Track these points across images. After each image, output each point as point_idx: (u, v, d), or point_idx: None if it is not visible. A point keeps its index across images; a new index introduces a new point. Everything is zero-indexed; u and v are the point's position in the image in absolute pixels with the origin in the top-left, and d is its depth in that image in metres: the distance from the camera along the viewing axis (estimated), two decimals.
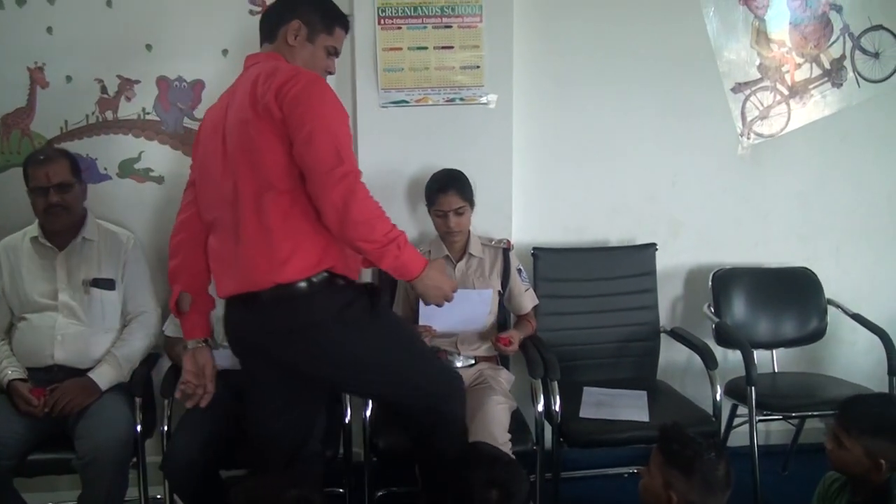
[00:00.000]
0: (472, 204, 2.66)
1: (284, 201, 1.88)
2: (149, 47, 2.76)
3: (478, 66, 2.81)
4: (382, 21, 2.77)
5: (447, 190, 2.61)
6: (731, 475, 1.85)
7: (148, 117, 2.80)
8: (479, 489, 1.80)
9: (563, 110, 2.98)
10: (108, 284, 2.56)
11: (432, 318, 2.52)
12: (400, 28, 2.78)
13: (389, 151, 2.85)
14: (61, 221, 2.51)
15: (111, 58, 2.75)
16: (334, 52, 2.12)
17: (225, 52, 2.79)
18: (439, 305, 2.03)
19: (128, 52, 2.75)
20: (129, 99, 2.79)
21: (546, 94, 2.96)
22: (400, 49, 2.79)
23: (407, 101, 2.82)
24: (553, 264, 2.94)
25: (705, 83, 3.02)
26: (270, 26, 2.07)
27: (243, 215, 1.90)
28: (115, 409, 2.43)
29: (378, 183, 2.81)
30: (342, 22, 2.11)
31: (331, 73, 2.13)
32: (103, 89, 2.77)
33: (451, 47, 2.80)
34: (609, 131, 3.00)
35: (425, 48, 2.79)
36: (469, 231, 2.71)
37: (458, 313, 2.48)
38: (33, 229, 2.57)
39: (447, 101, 2.84)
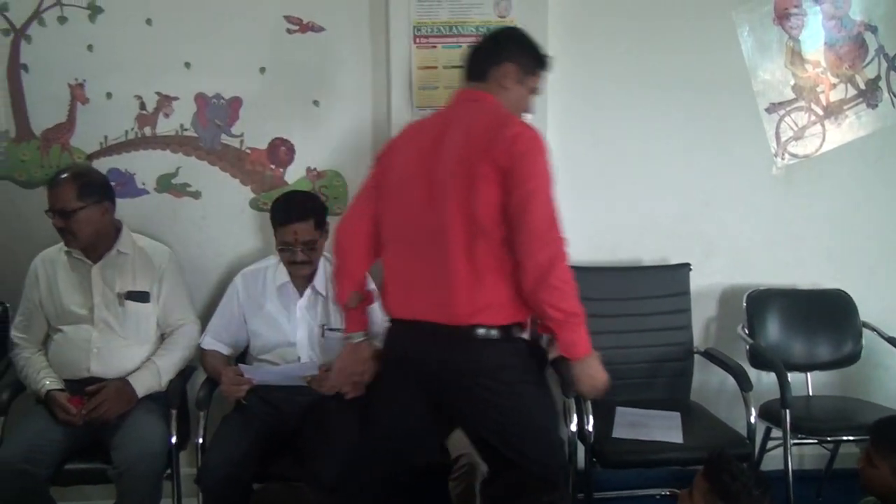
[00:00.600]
0: None
1: (496, 249, 1.96)
2: (187, 65, 2.82)
3: None
4: (418, 39, 2.81)
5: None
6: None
7: (185, 133, 2.86)
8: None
9: (596, 130, 3.00)
10: (142, 297, 2.60)
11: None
12: (435, 47, 2.82)
13: None
14: (71, 244, 2.53)
15: (150, 74, 2.81)
16: (537, 93, 2.20)
17: (263, 69, 2.84)
18: (587, 397, 2.10)
19: (166, 69, 2.81)
20: (167, 115, 2.84)
21: (579, 114, 2.97)
22: (435, 68, 2.83)
23: None
24: (586, 283, 2.88)
25: (740, 103, 3.03)
26: (481, 66, 2.14)
27: (452, 252, 1.96)
28: (151, 420, 2.46)
29: None
30: (546, 63, 2.20)
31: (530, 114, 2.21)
32: (142, 105, 2.83)
33: None
34: (642, 151, 3.01)
35: (460, 67, 2.81)
36: None
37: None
38: None
39: None
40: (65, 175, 2.49)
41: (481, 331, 1.98)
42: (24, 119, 2.81)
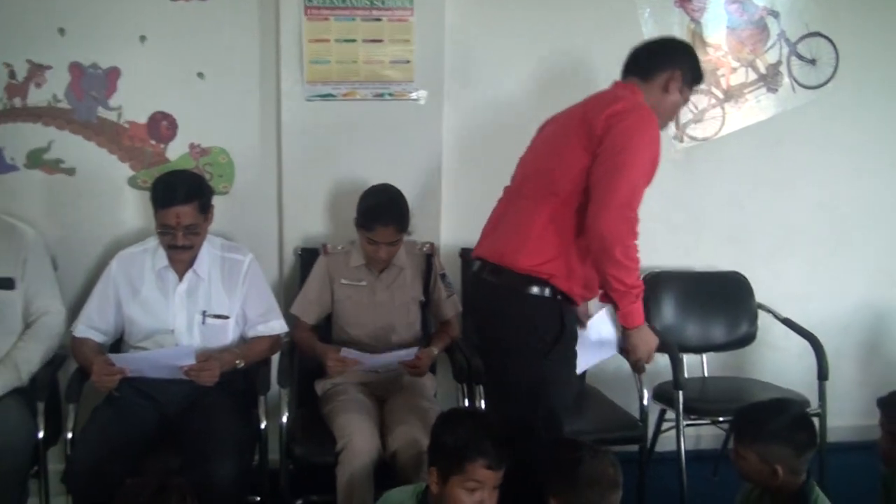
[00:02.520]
0: (408, 230, 2.58)
1: (558, 208, 2.13)
2: (61, 31, 2.67)
3: (408, 61, 2.78)
4: (309, 11, 2.72)
5: (387, 223, 2.51)
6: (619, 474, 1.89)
7: (59, 105, 2.70)
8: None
9: (494, 107, 2.96)
10: (6, 283, 2.45)
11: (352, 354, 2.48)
12: (327, 19, 2.73)
13: (314, 147, 2.81)
14: None
15: (20, 41, 2.65)
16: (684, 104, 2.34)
17: (143, 38, 2.72)
18: (642, 363, 2.26)
19: (38, 36, 2.66)
20: (38, 85, 2.69)
21: (477, 90, 2.94)
22: (327, 41, 2.74)
23: (333, 95, 2.78)
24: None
25: None
26: (647, 65, 2.24)
27: (524, 204, 2.20)
28: (13, 414, 2.33)
29: (301, 178, 2.82)
30: (702, 80, 2.34)
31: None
32: (11, 74, 2.67)
33: (381, 41, 2.76)
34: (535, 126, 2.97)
35: (353, 41, 2.75)
36: None
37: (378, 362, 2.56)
38: None
39: (375, 96, 2.80)
40: None
41: (514, 275, 2.16)
42: None
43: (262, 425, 2.45)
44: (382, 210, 2.53)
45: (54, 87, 2.70)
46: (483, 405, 2.52)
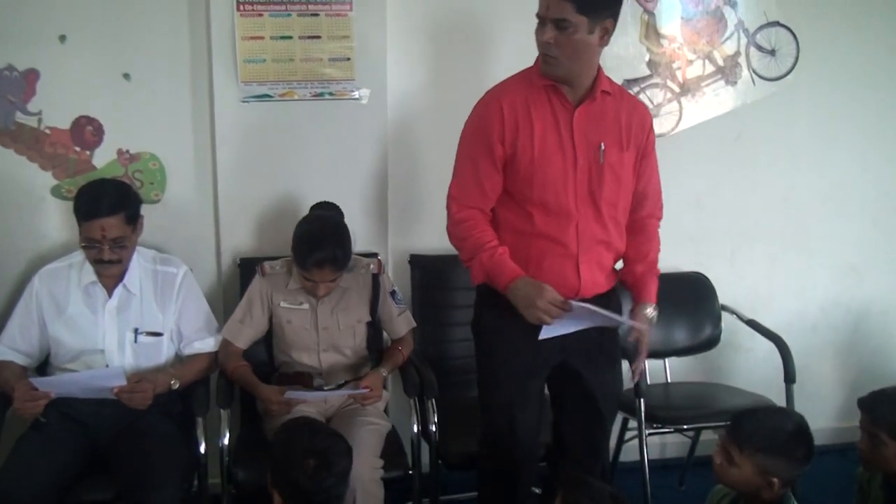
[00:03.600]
0: (348, 266, 2.46)
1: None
2: None
3: (348, 59, 2.70)
4: (242, 7, 2.62)
5: (322, 265, 2.36)
6: None
7: None
8: (297, 458, 1.80)
9: (440, 105, 2.86)
10: None
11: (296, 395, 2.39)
12: (261, 15, 2.63)
13: (251, 150, 2.72)
14: None
15: None
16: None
17: (63, 38, 2.59)
18: (540, 322, 2.06)
19: None
20: None
21: (422, 88, 2.86)
22: (262, 38, 2.64)
23: (270, 96, 2.68)
24: (432, 272, 2.84)
25: None
26: None
27: None
28: None
29: (238, 184, 2.72)
30: None
31: None
32: None
33: (319, 37, 2.67)
34: None
35: (290, 37, 2.66)
36: None
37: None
38: None
39: (315, 95, 2.71)
40: None
41: None
42: None
43: (202, 449, 2.36)
44: (315, 248, 2.36)
45: None
46: (436, 420, 2.45)
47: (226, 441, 2.37)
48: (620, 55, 3.00)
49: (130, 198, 2.41)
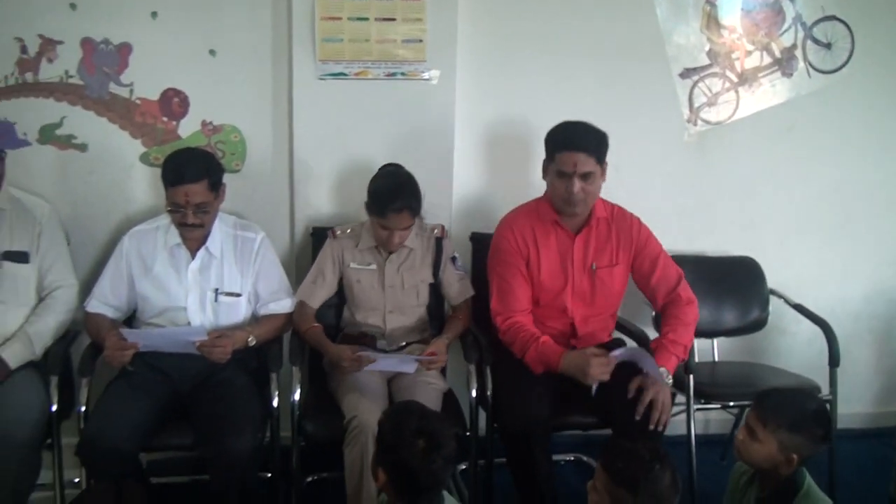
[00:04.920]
0: (420, 213, 2.64)
1: None
2: (73, 6, 2.72)
3: (420, 41, 2.84)
4: None
5: (399, 210, 2.54)
6: (678, 482, 1.89)
7: (71, 81, 2.76)
8: (408, 438, 1.84)
9: (507, 89, 3.01)
10: (21, 257, 2.52)
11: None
12: None
13: (325, 125, 2.87)
14: None
15: (32, 16, 2.70)
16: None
17: (154, 14, 2.77)
18: (586, 385, 2.44)
19: (50, 10, 2.71)
20: (50, 60, 2.74)
21: (490, 71, 2.99)
22: (339, 19, 2.79)
23: (346, 74, 2.83)
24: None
25: (653, 68, 3.09)
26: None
27: None
28: (26, 387, 2.41)
29: (313, 157, 2.89)
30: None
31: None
32: (23, 49, 2.72)
33: (394, 19, 2.81)
34: (552, 112, 2.99)
35: (366, 19, 2.81)
36: None
37: (392, 360, 2.62)
38: None
39: (388, 75, 2.85)
40: None
41: None
42: None
43: (275, 402, 2.52)
44: (394, 196, 2.55)
45: (66, 62, 2.75)
46: (491, 387, 2.60)
47: (297, 396, 2.52)
48: (681, 44, 3.11)
49: (213, 166, 2.58)
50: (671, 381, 2.53)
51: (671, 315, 2.66)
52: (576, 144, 2.53)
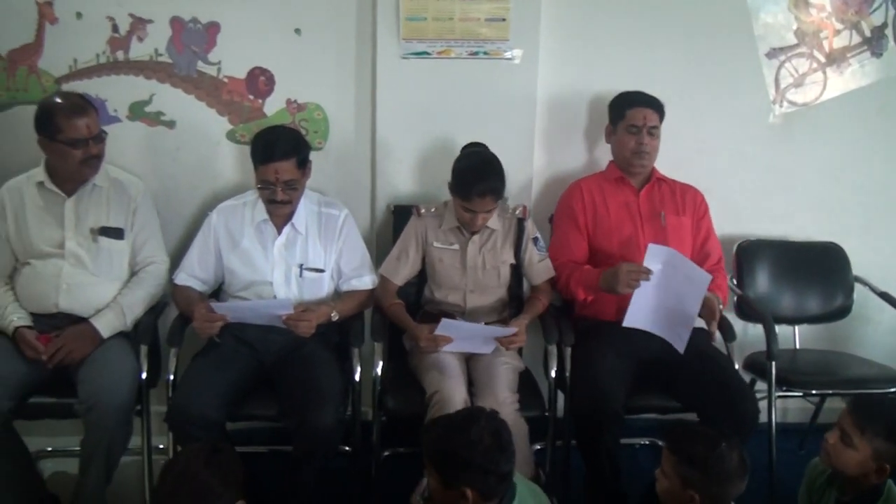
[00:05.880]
0: (503, 196, 2.66)
1: None
2: None
3: (504, 19, 2.85)
4: None
5: (483, 193, 2.55)
6: (747, 460, 1.91)
7: (160, 59, 2.84)
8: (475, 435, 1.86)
9: (589, 68, 3.01)
10: (116, 234, 2.62)
11: (448, 331, 2.55)
12: None
13: (408, 104, 2.90)
14: (95, 172, 2.58)
15: None
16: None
17: None
18: (630, 290, 2.55)
19: None
20: (140, 39, 2.83)
21: (572, 50, 2.98)
22: None
23: (429, 53, 2.86)
24: None
25: (739, 46, 3.04)
26: None
27: None
28: (119, 355, 2.51)
29: (395, 135, 2.93)
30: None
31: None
32: (114, 28, 2.81)
33: None
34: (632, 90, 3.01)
35: None
36: None
37: (469, 341, 2.61)
38: (38, 173, 2.60)
39: (470, 54, 2.87)
40: (85, 101, 2.57)
41: None
42: None
43: (357, 377, 2.58)
44: (478, 179, 2.56)
45: (156, 40, 2.83)
46: (569, 367, 2.62)
47: (378, 371, 2.57)
48: (768, 23, 3.05)
49: (301, 144, 2.64)
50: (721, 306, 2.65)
51: (716, 277, 2.72)
52: (644, 101, 2.82)
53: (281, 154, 2.54)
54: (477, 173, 2.59)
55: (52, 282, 2.55)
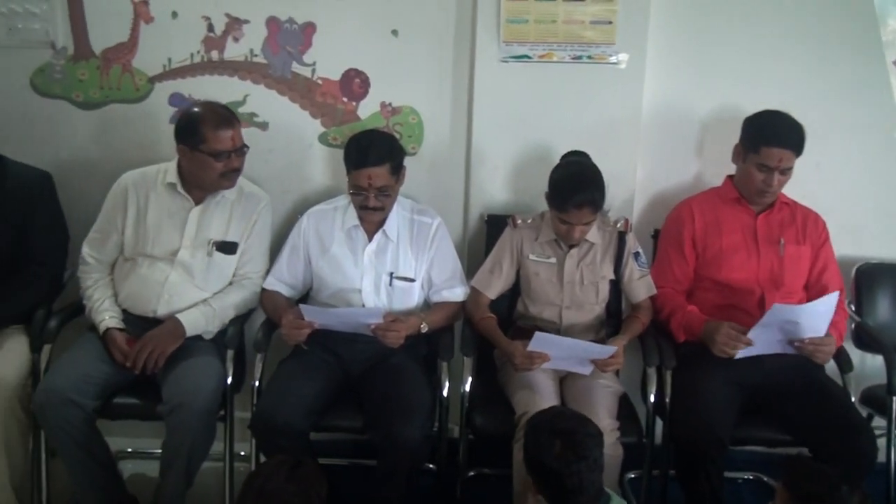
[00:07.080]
0: (602, 208, 2.56)
1: None
2: None
3: (610, 22, 2.75)
4: None
5: (581, 205, 2.46)
6: None
7: (255, 59, 2.84)
8: (545, 440, 1.87)
9: (699, 75, 2.88)
10: (230, 248, 2.62)
11: (542, 346, 2.44)
12: None
13: (506, 110, 2.84)
14: (233, 185, 2.60)
15: None
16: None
17: None
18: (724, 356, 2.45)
19: None
20: (236, 39, 2.83)
21: (681, 56, 2.86)
22: None
23: (529, 57, 2.78)
24: None
25: (864, 54, 2.87)
26: None
27: None
28: (205, 358, 2.50)
29: (491, 142, 2.86)
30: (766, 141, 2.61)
31: None
32: (210, 27, 2.82)
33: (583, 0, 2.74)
34: (747, 101, 2.83)
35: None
36: None
37: (565, 360, 2.50)
38: (171, 174, 2.61)
39: (573, 58, 2.78)
40: (230, 111, 2.59)
41: None
42: (83, 36, 2.83)
43: (444, 392, 2.51)
44: (576, 190, 2.47)
45: (251, 41, 2.83)
46: (669, 392, 2.50)
47: (467, 387, 2.50)
48: None
49: (396, 149, 2.59)
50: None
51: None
52: (782, 141, 2.57)
53: (375, 160, 2.50)
54: (574, 183, 2.49)
55: (156, 288, 2.56)
